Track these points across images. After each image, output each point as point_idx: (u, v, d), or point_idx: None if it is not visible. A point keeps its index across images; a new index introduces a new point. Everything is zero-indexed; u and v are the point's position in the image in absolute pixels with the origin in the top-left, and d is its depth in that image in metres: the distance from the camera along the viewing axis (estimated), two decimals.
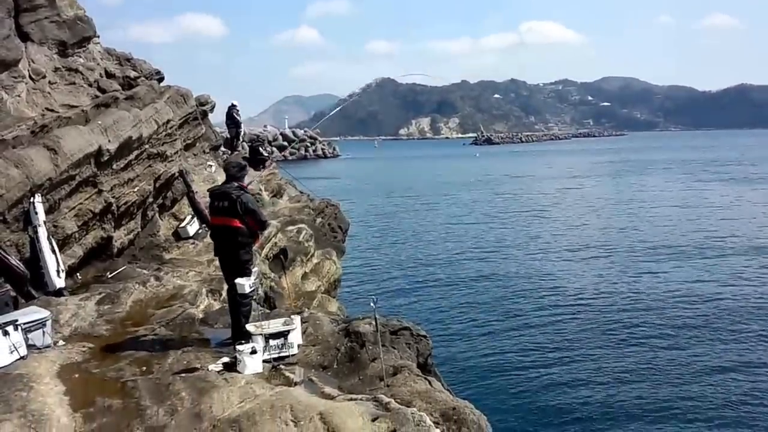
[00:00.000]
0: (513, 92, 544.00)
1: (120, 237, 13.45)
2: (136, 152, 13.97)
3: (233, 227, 8.61)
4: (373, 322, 7.99)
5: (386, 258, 33.27)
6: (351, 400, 6.15)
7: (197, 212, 16.79)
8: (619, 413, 15.72)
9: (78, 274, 12.14)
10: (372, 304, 7.68)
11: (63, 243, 11.37)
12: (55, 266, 10.56)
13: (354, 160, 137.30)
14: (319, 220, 21.65)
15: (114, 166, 13.05)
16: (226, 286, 9.71)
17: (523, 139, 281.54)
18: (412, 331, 8.38)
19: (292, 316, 8.57)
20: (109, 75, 17.89)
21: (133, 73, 19.05)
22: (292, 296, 16.17)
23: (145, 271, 12.55)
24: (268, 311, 9.29)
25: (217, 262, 13.66)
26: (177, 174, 16.69)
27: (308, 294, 16.08)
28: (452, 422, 5.81)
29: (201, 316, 10.02)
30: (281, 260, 17.72)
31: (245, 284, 8.35)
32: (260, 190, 22.30)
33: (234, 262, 8.77)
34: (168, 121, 15.67)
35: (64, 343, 8.67)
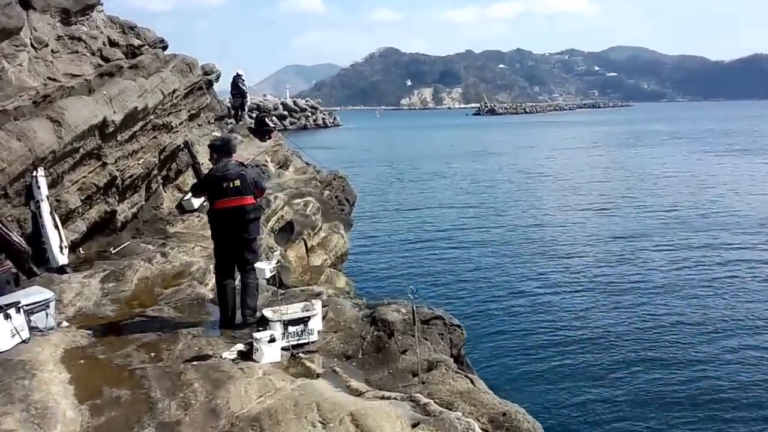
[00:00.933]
0: (518, 62, 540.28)
1: (124, 211, 13.05)
2: (141, 123, 13.52)
3: (248, 205, 8.33)
4: (407, 311, 7.64)
5: (393, 230, 32.78)
6: (384, 398, 5.72)
7: None
8: (674, 408, 14.51)
9: (81, 249, 11.76)
10: (410, 295, 7.26)
11: (66, 218, 10.97)
12: (58, 242, 10.17)
13: (355, 130, 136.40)
14: (326, 192, 21.26)
15: (119, 138, 12.61)
16: (213, 278, 9.44)
17: (527, 110, 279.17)
18: (445, 321, 7.93)
19: (312, 301, 8.17)
20: (113, 43, 17.34)
21: (136, 42, 18.48)
22: (299, 270, 15.84)
23: (150, 247, 12.16)
24: (282, 291, 8.82)
25: None
26: (182, 145, 16.25)
27: (315, 268, 15.73)
28: (503, 430, 5.33)
29: (210, 295, 9.63)
30: (288, 233, 17.42)
31: (266, 268, 7.96)
32: (266, 161, 21.88)
33: (244, 241, 8.42)
34: (174, 91, 15.20)
35: (67, 324, 8.28)
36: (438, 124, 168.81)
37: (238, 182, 8.23)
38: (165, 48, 19.74)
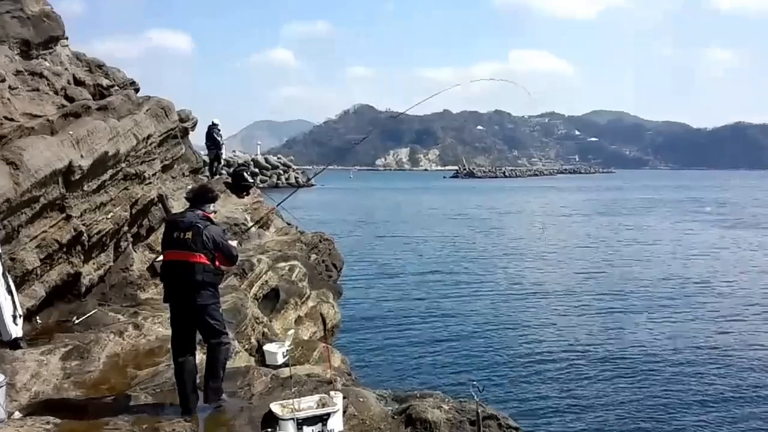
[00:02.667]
0: (497, 124, 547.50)
1: (89, 273, 11.79)
2: (111, 172, 12.41)
3: (197, 263, 7.34)
4: (450, 408, 6.46)
5: (384, 299, 31.51)
6: None
7: None
8: None
9: (38, 318, 10.45)
10: (473, 394, 6.13)
11: (21, 280, 9.71)
12: (11, 310, 8.84)
13: (329, 189, 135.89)
14: (313, 256, 20.11)
15: (85, 188, 11.46)
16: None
17: (507, 174, 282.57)
18: (500, 422, 6.71)
19: (332, 393, 6.94)
20: (78, 82, 16.26)
21: (105, 82, 17.45)
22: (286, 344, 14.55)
23: (120, 316, 10.90)
24: (290, 377, 7.59)
25: None
26: (156, 199, 15.09)
27: (306, 344, 14.41)
28: None
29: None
30: (272, 301, 16.18)
31: (278, 352, 6.79)
32: (246, 220, 20.72)
33: (196, 308, 7.45)
34: (149, 137, 14.19)
35: (20, 415, 6.98)
36: (416, 187, 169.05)
37: (189, 234, 7.39)
38: (137, 90, 18.73)
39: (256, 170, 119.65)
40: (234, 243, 8.06)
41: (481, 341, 24.09)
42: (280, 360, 6.79)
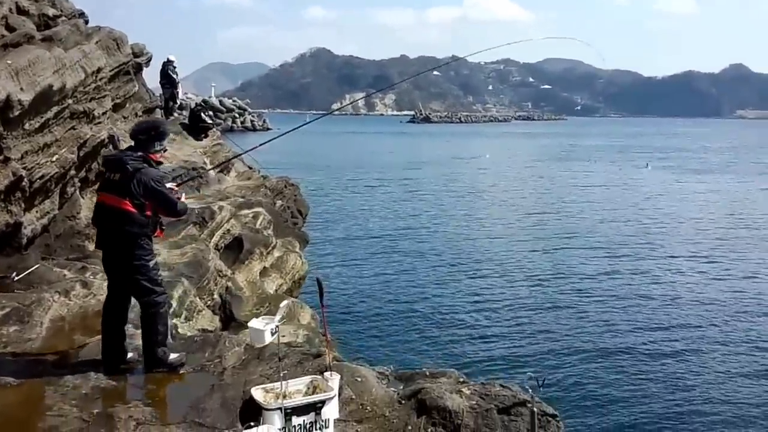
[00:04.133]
0: (453, 70, 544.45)
1: (31, 222, 10.36)
2: (56, 109, 10.88)
3: (123, 211, 6.24)
4: (471, 393, 5.36)
5: (350, 247, 30.33)
6: None
7: None
8: None
9: None
10: (530, 390, 5.03)
11: None
12: None
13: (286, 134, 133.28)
14: (278, 203, 18.80)
15: (26, 126, 9.96)
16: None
17: (462, 119, 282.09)
18: (534, 409, 5.54)
19: (327, 374, 5.74)
20: (21, 11, 14.50)
21: (51, 11, 15.59)
22: (254, 300, 13.34)
23: (66, 272, 9.55)
24: (277, 354, 6.35)
25: (160, 258, 10.86)
26: (107, 140, 13.58)
27: (274, 299, 13.21)
28: None
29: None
30: (235, 252, 14.93)
31: (265, 330, 5.56)
32: (204, 163, 19.31)
33: (122, 259, 6.38)
34: (99, 70, 12.60)
35: None
36: (373, 131, 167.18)
37: (117, 176, 6.31)
38: (86, 22, 16.99)
39: (210, 113, 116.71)
40: (174, 189, 6.86)
41: (465, 300, 22.78)
42: (268, 339, 5.60)
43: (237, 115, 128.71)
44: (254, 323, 5.75)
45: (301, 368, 6.40)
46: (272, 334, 5.55)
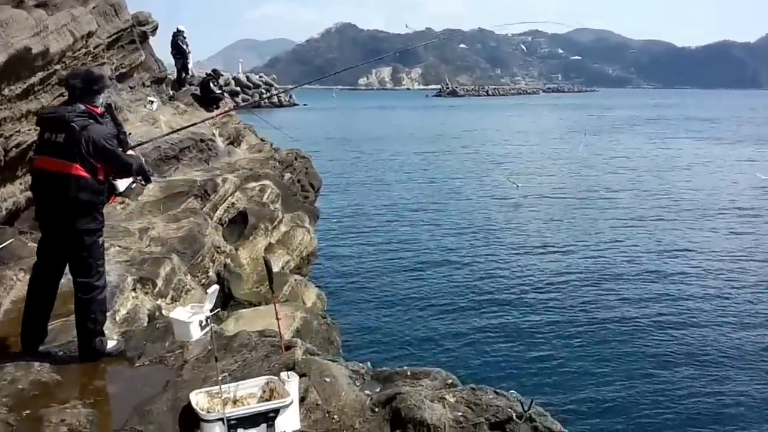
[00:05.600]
0: (480, 42, 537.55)
1: (12, 194, 9.79)
2: (41, 74, 10.26)
3: (73, 177, 5.51)
4: (457, 401, 4.60)
5: (366, 225, 28.55)
6: None
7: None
8: None
9: None
10: (519, 404, 4.28)
11: None
12: None
13: (312, 110, 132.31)
14: (287, 176, 18.12)
15: (5, 92, 9.35)
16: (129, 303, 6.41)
17: (490, 92, 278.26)
18: (536, 422, 4.71)
19: (283, 375, 4.95)
20: None
21: None
22: (254, 277, 12.71)
23: None
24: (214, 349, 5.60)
25: (154, 232, 10.25)
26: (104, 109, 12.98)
27: (277, 277, 12.52)
28: None
29: (120, 330, 6.51)
30: (239, 227, 14.31)
31: (191, 323, 4.84)
32: (214, 134, 18.66)
33: (68, 236, 5.69)
34: (89, 34, 11.92)
35: None
36: (399, 105, 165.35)
37: (62, 137, 5.53)
38: None
39: (238, 89, 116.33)
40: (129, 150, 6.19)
41: (491, 285, 20.52)
42: (196, 334, 4.85)
43: (264, 91, 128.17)
44: (178, 313, 5.01)
45: (267, 363, 5.65)
46: (202, 327, 4.80)
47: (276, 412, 4.55)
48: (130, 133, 13.11)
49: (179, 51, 23.16)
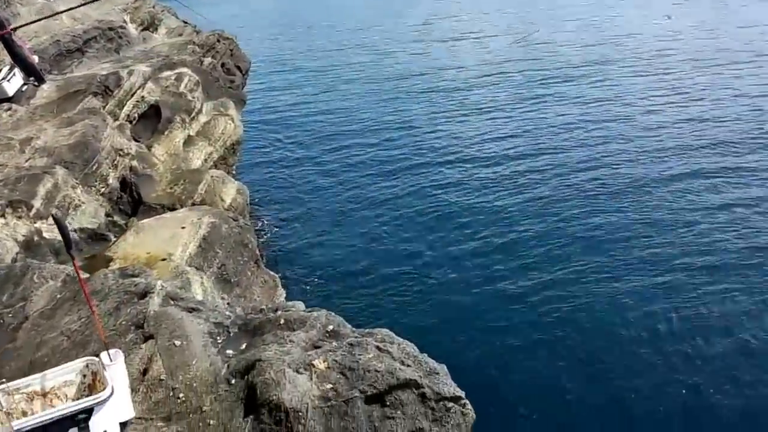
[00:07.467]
0: None
1: None
2: None
3: None
4: (326, 368, 3.75)
5: (300, 105, 24.92)
6: None
7: (19, 60, 11.80)
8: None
9: None
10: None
11: None
12: None
13: None
14: (208, 60, 16.74)
15: None
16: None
17: None
18: (424, 392, 3.73)
19: (105, 354, 3.90)
20: None
21: None
22: (168, 176, 11.68)
23: None
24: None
25: (39, 142, 9.19)
26: None
27: (192, 174, 11.46)
28: None
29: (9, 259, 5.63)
30: (152, 122, 13.16)
31: None
32: (125, 21, 17.11)
33: None
34: None
35: None
36: None
37: None
38: None
39: None
40: None
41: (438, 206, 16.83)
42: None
43: None
44: None
45: (115, 317, 4.72)
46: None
47: (89, 411, 3.52)
48: (14, 29, 11.76)
49: None
